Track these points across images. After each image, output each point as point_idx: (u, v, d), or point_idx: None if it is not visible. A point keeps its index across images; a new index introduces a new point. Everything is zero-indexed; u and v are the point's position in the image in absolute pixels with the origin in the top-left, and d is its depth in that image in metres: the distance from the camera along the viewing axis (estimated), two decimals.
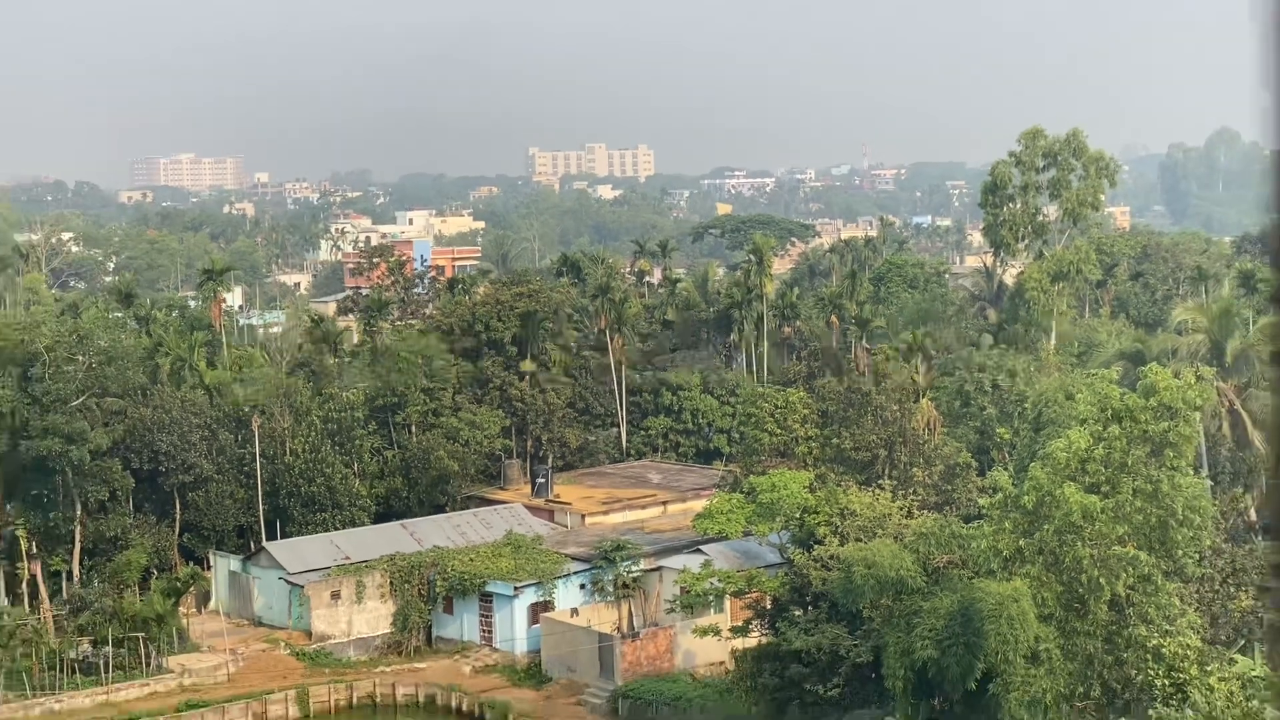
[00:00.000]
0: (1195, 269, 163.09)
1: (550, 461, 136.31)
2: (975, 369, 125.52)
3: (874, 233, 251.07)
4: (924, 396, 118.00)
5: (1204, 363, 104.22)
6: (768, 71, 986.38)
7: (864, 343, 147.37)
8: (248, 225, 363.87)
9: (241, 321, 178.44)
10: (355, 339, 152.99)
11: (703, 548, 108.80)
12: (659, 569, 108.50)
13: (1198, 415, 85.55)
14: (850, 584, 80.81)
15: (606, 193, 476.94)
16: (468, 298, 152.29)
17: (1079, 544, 76.02)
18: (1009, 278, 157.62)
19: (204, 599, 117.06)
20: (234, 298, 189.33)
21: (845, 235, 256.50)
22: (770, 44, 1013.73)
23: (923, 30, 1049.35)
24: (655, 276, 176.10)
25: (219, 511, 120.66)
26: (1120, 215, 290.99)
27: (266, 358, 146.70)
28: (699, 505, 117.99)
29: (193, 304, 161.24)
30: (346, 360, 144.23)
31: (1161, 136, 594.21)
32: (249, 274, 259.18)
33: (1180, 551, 78.11)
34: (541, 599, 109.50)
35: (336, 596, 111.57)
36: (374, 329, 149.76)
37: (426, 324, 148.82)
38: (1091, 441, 78.99)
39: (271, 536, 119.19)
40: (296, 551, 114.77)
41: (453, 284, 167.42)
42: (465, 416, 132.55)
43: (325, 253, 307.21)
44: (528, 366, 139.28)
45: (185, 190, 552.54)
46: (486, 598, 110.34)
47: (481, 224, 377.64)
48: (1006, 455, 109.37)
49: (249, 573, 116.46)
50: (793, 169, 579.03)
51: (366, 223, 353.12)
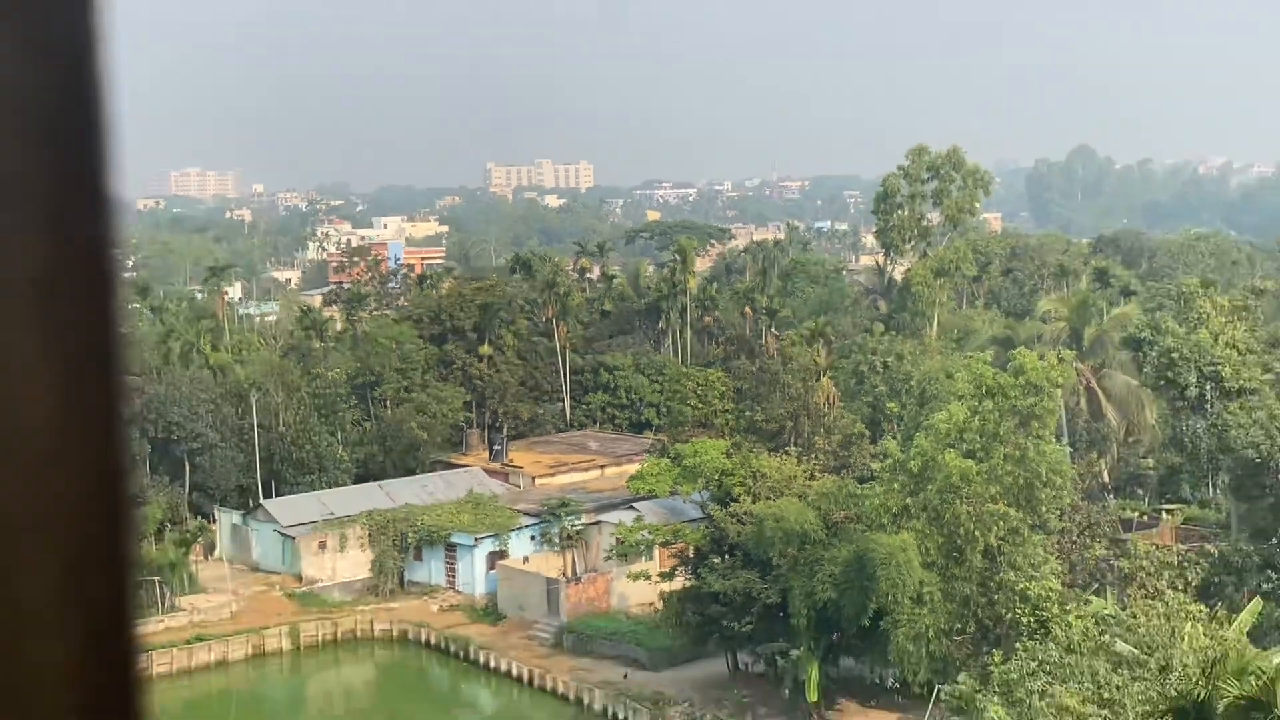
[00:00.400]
0: (1057, 266, 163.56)
1: (505, 431, 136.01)
2: (868, 352, 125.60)
3: (782, 236, 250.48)
4: (824, 376, 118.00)
5: (1065, 347, 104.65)
6: (690, 95, 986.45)
7: (773, 330, 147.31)
8: (246, 229, 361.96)
9: (240, 312, 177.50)
10: (338, 326, 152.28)
11: (635, 505, 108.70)
12: (598, 523, 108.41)
13: (1059, 392, 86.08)
14: (761, 536, 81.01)
15: (553, 201, 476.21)
16: (434, 291, 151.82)
17: (957, 502, 76.35)
18: (898, 274, 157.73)
19: (210, 548, 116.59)
20: (234, 291, 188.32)
21: (757, 238, 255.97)
22: (690, 70, 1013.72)
23: (819, 57, 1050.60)
24: (595, 273, 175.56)
25: (222, 473, 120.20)
26: (993, 220, 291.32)
27: (262, 342, 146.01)
28: (632, 469, 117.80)
29: (199, 296, 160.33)
30: (331, 345, 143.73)
31: (1028, 152, 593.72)
32: (247, 271, 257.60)
33: (1044, 508, 78.59)
34: (497, 549, 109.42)
35: (323, 546, 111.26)
36: (354, 318, 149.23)
37: (399, 314, 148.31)
38: (968, 414, 79.32)
39: (267, 495, 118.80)
40: (289, 508, 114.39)
41: (421, 280, 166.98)
42: (432, 393, 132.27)
43: (312, 253, 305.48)
44: (485, 350, 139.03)
45: (192, 199, 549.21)
46: (451, 547, 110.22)
47: (446, 228, 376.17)
48: (895, 426, 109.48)
49: (248, 526, 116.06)
50: (712, 181, 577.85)
51: (347, 227, 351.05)
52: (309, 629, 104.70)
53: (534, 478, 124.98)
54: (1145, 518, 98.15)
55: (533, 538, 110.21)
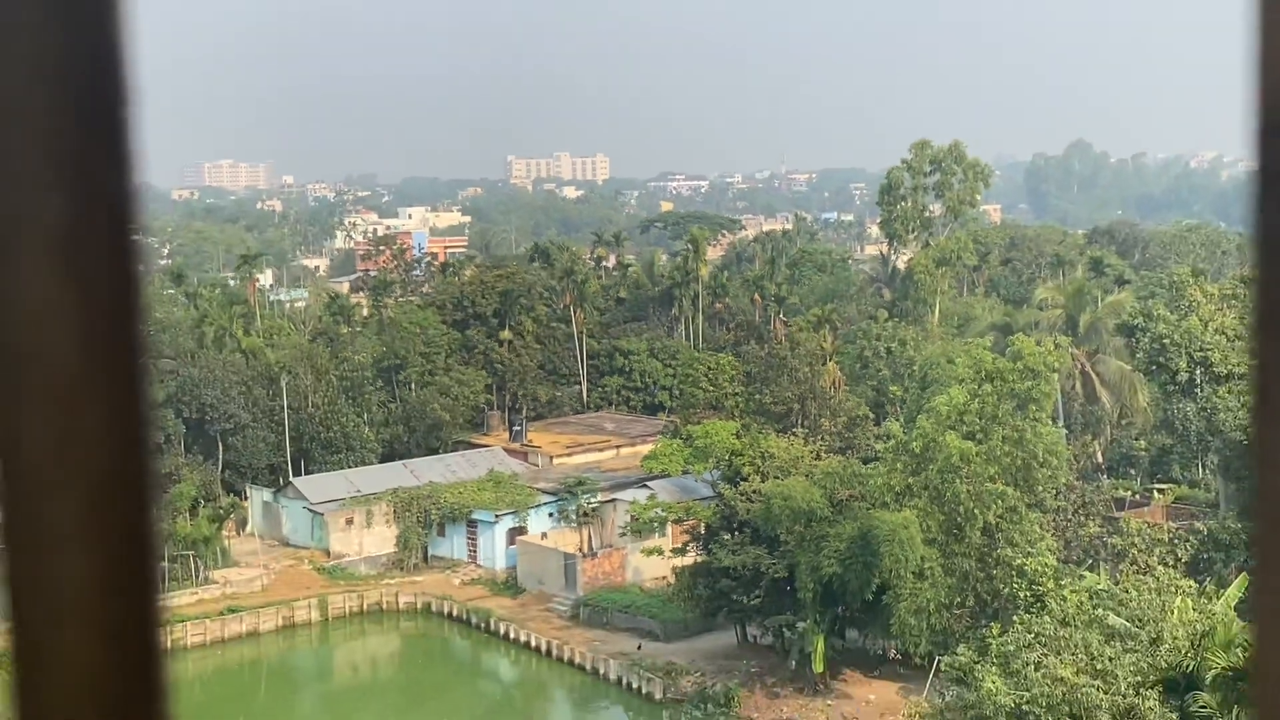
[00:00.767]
0: (1054, 256, 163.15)
1: (524, 412, 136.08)
2: (873, 338, 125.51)
3: (790, 226, 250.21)
4: (830, 360, 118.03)
5: (1060, 333, 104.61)
6: (703, 90, 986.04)
7: (781, 316, 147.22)
8: (276, 218, 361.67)
9: (271, 298, 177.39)
10: (365, 312, 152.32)
11: (649, 484, 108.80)
12: (613, 500, 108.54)
13: (1055, 376, 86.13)
14: (770, 513, 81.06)
15: (571, 193, 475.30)
16: (457, 279, 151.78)
17: (957, 481, 76.41)
18: (901, 263, 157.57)
19: (242, 524, 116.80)
20: (265, 278, 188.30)
21: (766, 228, 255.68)
22: (702, 66, 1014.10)
23: (826, 54, 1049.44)
24: (611, 262, 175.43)
25: (254, 453, 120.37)
26: (993, 212, 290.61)
27: (292, 327, 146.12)
28: (646, 449, 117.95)
29: (232, 283, 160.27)
30: (358, 330, 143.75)
31: (1027, 146, 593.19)
32: (277, 259, 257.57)
33: (1040, 488, 78.63)
34: (517, 525, 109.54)
35: (350, 522, 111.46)
36: (380, 304, 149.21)
37: (423, 300, 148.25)
38: (968, 397, 79.37)
39: (297, 473, 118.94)
40: (317, 485, 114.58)
41: (445, 267, 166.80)
42: (455, 376, 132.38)
43: (340, 241, 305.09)
44: (506, 335, 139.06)
45: (225, 189, 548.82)
46: (472, 524, 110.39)
47: (468, 218, 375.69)
48: (898, 409, 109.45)
49: (279, 503, 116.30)
50: (723, 173, 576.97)
51: (374, 217, 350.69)
52: (336, 601, 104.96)
53: (552, 457, 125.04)
54: (1137, 497, 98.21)
55: (551, 515, 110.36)
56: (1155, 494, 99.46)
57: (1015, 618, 59.99)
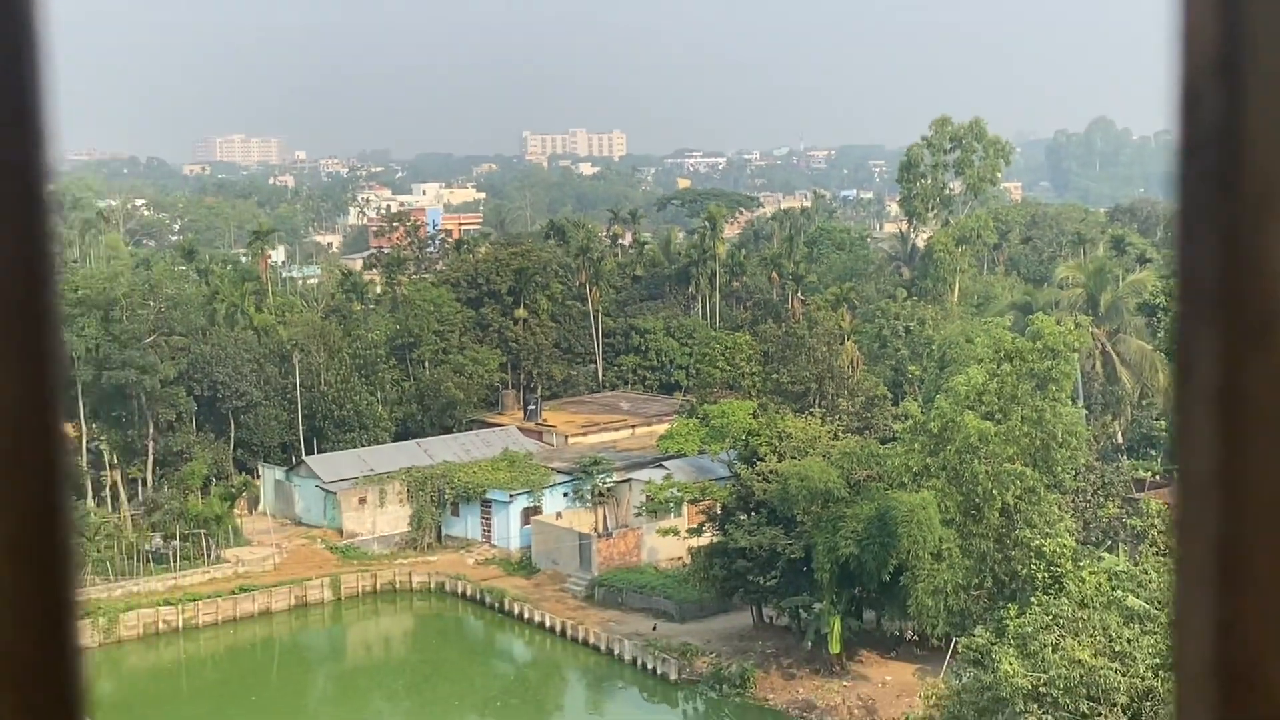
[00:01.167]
0: (1075, 234, 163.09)
1: (539, 391, 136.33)
2: (891, 317, 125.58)
3: (808, 204, 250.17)
4: (848, 340, 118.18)
5: (1081, 312, 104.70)
6: (722, 66, 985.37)
7: (799, 295, 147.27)
8: (289, 194, 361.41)
9: (284, 274, 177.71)
10: (378, 290, 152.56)
11: (665, 463, 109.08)
12: (629, 480, 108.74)
13: (1075, 356, 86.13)
14: (786, 493, 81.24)
15: (587, 169, 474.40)
16: (471, 256, 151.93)
17: (976, 462, 76.53)
18: (920, 241, 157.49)
19: (254, 503, 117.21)
20: (277, 255, 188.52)
21: (784, 206, 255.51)
22: (722, 43, 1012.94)
23: (848, 31, 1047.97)
24: (627, 239, 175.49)
25: (266, 431, 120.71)
26: (1013, 190, 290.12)
27: (305, 305, 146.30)
28: (662, 428, 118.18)
29: (244, 259, 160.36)
30: (371, 307, 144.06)
31: (1049, 123, 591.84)
32: (289, 235, 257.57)
33: (1059, 468, 78.71)
34: (531, 504, 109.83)
35: (363, 501, 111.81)
36: (394, 281, 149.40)
37: (437, 278, 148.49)
38: (987, 377, 79.47)
39: (309, 452, 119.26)
40: (330, 464, 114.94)
41: (459, 245, 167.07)
42: (469, 354, 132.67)
43: (353, 218, 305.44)
44: (520, 313, 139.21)
45: (237, 165, 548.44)
46: (486, 503, 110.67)
47: (483, 195, 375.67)
48: (916, 389, 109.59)
49: (291, 481, 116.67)
50: (741, 150, 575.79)
51: (387, 193, 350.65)
52: (349, 581, 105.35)
53: (567, 437, 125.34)
54: (1158, 477, 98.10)
55: (565, 494, 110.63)
56: (1176, 475, 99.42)
57: (1033, 599, 60.10)
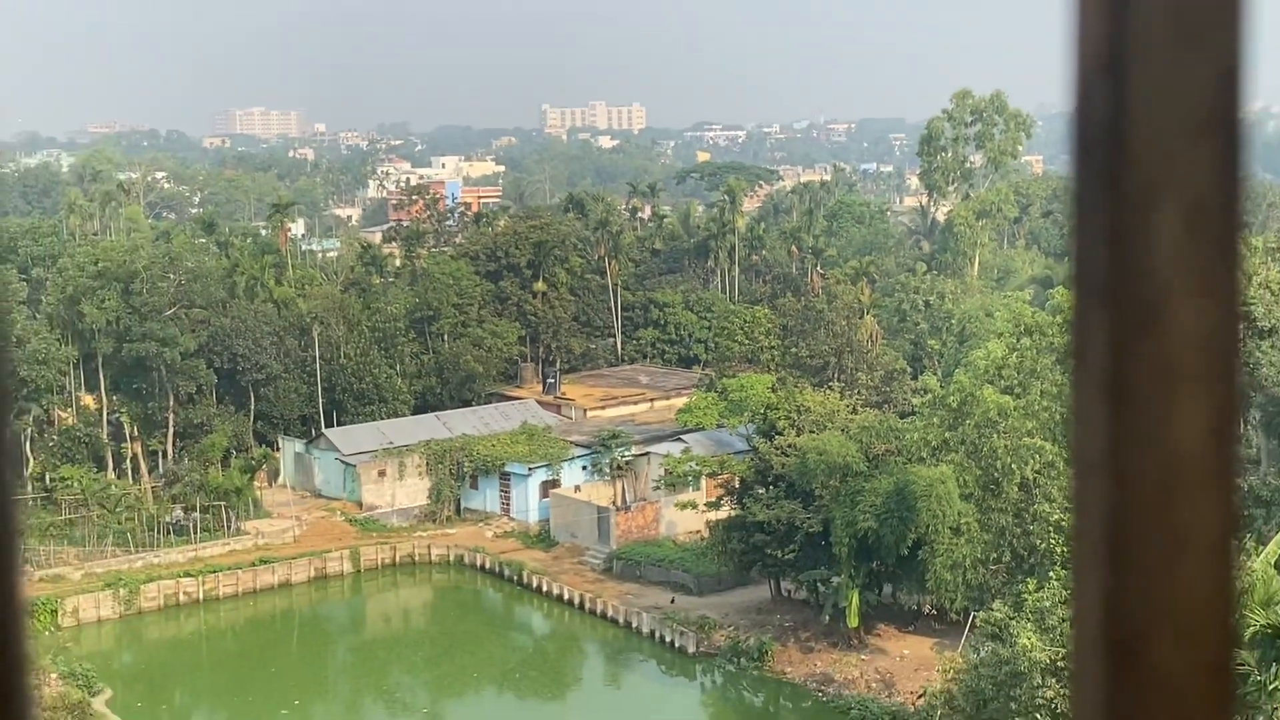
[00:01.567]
0: None
1: (558, 365, 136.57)
2: (911, 291, 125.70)
3: (828, 177, 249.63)
4: (867, 314, 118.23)
5: None
6: (742, 39, 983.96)
7: (818, 269, 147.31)
8: (308, 167, 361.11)
9: (303, 247, 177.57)
10: (397, 263, 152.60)
11: (683, 437, 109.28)
12: (647, 454, 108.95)
13: None
14: (805, 467, 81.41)
15: (606, 143, 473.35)
16: (490, 229, 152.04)
17: (995, 436, 76.67)
18: (940, 215, 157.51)
19: (274, 475, 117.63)
20: (297, 227, 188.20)
21: (804, 179, 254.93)
22: (740, 16, 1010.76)
23: (868, 3, 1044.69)
24: (646, 213, 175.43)
25: (286, 403, 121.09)
26: (1035, 163, 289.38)
27: (324, 277, 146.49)
28: (680, 402, 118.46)
29: (263, 232, 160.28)
30: (390, 280, 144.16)
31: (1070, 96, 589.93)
32: (309, 208, 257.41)
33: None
34: (550, 478, 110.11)
35: (382, 474, 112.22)
36: (413, 254, 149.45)
37: (456, 251, 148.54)
38: (1006, 351, 79.62)
39: (329, 425, 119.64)
40: (350, 437, 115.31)
41: (478, 218, 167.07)
42: (488, 327, 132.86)
43: (372, 191, 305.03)
44: (540, 287, 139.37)
45: (257, 138, 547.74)
46: (505, 476, 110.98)
47: (502, 168, 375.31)
48: (936, 363, 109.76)
49: (311, 454, 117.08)
50: (761, 123, 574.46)
51: (406, 166, 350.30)
52: (369, 553, 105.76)
53: (585, 410, 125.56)
54: None
55: (584, 468, 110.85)
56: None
57: (1051, 573, 60.21)
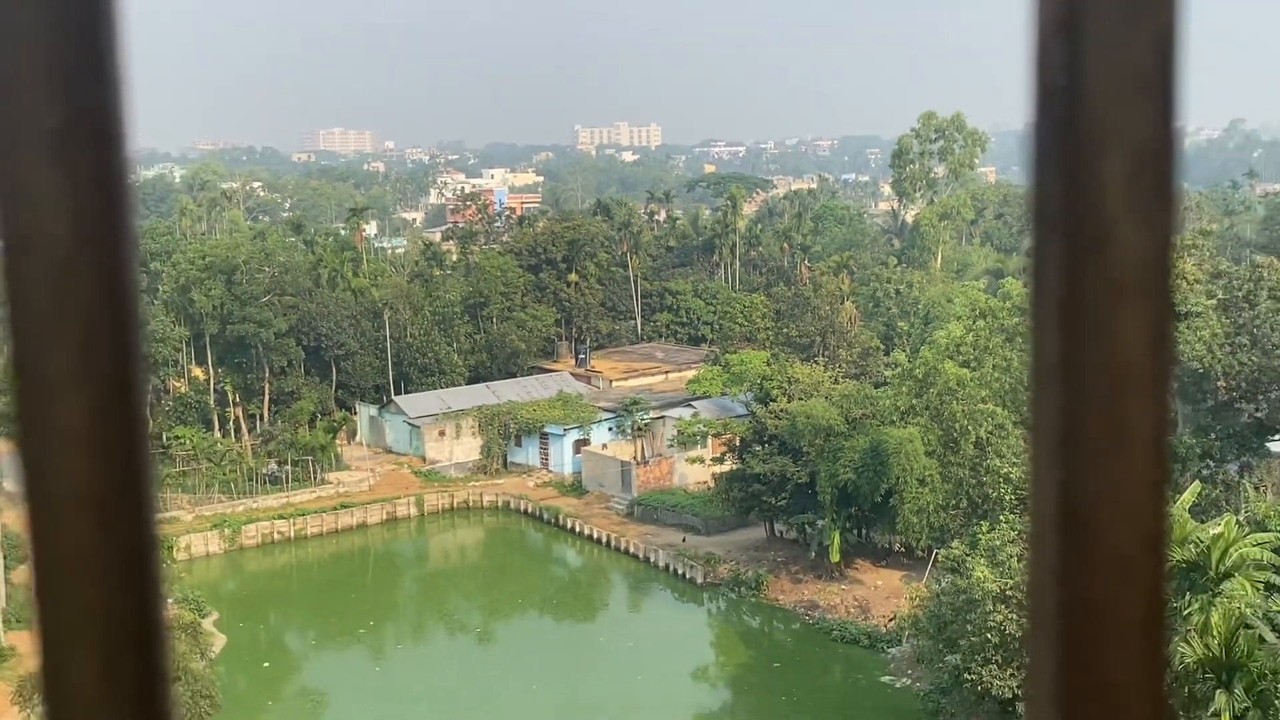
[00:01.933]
0: None
1: (588, 343, 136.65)
2: (884, 281, 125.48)
3: (814, 186, 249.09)
4: (847, 300, 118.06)
5: None
6: (744, 69, 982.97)
7: (806, 262, 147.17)
8: (380, 178, 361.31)
9: (376, 245, 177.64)
10: (454, 258, 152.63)
11: (693, 403, 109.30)
12: (663, 417, 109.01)
13: None
14: (794, 429, 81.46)
15: (628, 157, 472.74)
16: (531, 230, 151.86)
17: (954, 402, 76.54)
18: (909, 217, 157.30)
19: (352, 435, 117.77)
20: (370, 229, 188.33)
21: (794, 187, 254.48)
22: (745, 49, 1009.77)
23: (848, 31, 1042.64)
24: (661, 216, 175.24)
25: (362, 375, 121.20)
26: (989, 173, 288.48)
27: (393, 270, 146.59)
28: (690, 374, 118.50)
29: (343, 232, 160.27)
30: (448, 272, 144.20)
31: (1020, 116, 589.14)
32: (381, 212, 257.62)
33: (1025, 407, 78.54)
34: (582, 437, 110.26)
35: (442, 434, 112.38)
36: (467, 251, 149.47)
37: (503, 248, 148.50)
38: (964, 331, 79.47)
39: (398, 392, 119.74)
40: (415, 403, 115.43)
41: (521, 220, 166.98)
42: (529, 312, 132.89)
43: (433, 198, 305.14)
44: (573, 278, 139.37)
45: (337, 153, 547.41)
46: (544, 436, 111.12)
47: (541, 179, 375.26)
48: (904, 341, 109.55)
49: (383, 417, 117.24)
50: (758, 140, 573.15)
51: (461, 177, 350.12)
52: (431, 500, 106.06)
53: (611, 381, 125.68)
54: None
55: (610, 429, 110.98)
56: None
57: (1001, 517, 60.29)
